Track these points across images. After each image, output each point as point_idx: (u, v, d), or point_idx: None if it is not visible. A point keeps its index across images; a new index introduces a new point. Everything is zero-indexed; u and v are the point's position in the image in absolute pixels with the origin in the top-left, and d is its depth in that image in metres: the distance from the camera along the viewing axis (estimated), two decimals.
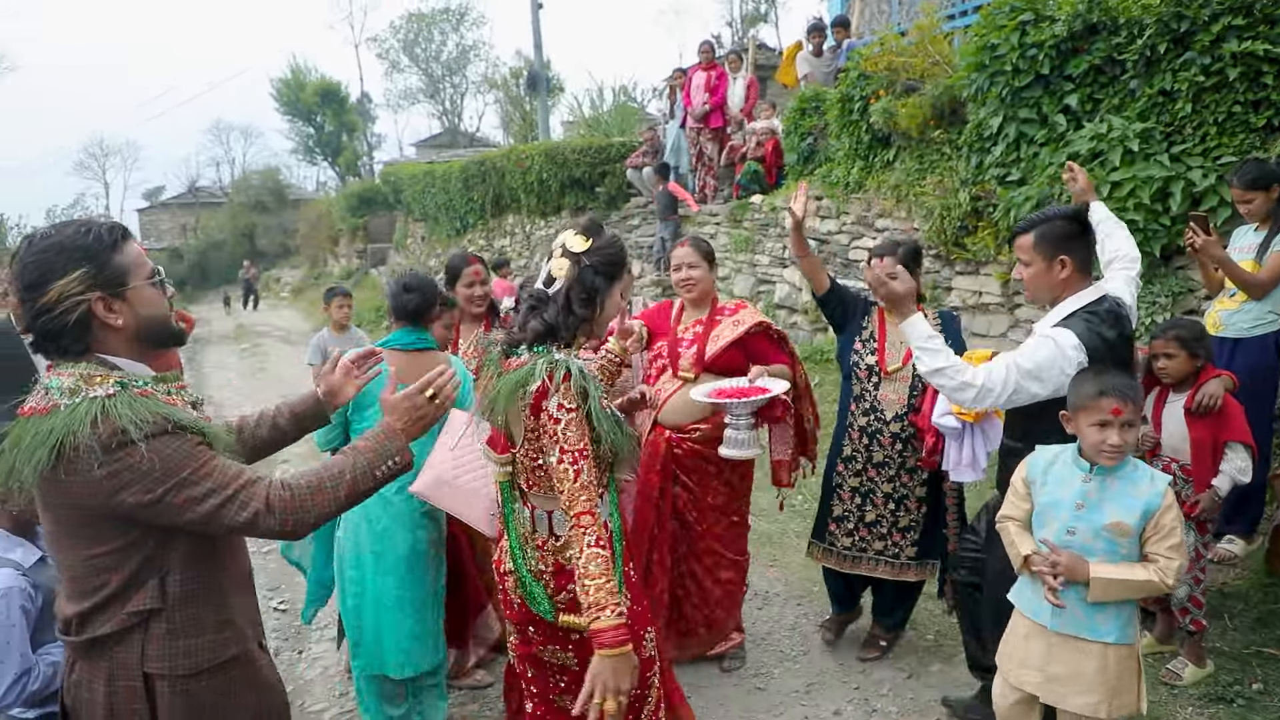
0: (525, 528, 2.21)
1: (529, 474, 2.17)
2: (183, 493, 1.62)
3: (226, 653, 1.79)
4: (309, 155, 36.18)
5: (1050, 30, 5.21)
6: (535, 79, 18.87)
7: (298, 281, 27.91)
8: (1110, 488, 2.34)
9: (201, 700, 1.74)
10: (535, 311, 2.15)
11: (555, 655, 2.25)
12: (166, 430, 1.63)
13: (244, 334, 18.94)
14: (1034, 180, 5.30)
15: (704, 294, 3.61)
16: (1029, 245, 2.68)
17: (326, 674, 4.05)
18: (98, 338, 1.70)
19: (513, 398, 2.06)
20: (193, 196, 44.47)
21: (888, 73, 6.96)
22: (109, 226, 1.74)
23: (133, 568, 1.68)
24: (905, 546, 3.65)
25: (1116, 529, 2.30)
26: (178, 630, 1.72)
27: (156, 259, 7.54)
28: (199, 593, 1.75)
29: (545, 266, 2.20)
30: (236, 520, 1.66)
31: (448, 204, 17.38)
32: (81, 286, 1.64)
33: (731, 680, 3.74)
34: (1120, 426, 2.28)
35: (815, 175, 8.54)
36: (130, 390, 1.65)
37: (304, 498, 1.71)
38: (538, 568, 2.20)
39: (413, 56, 37.57)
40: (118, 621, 1.68)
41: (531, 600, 2.20)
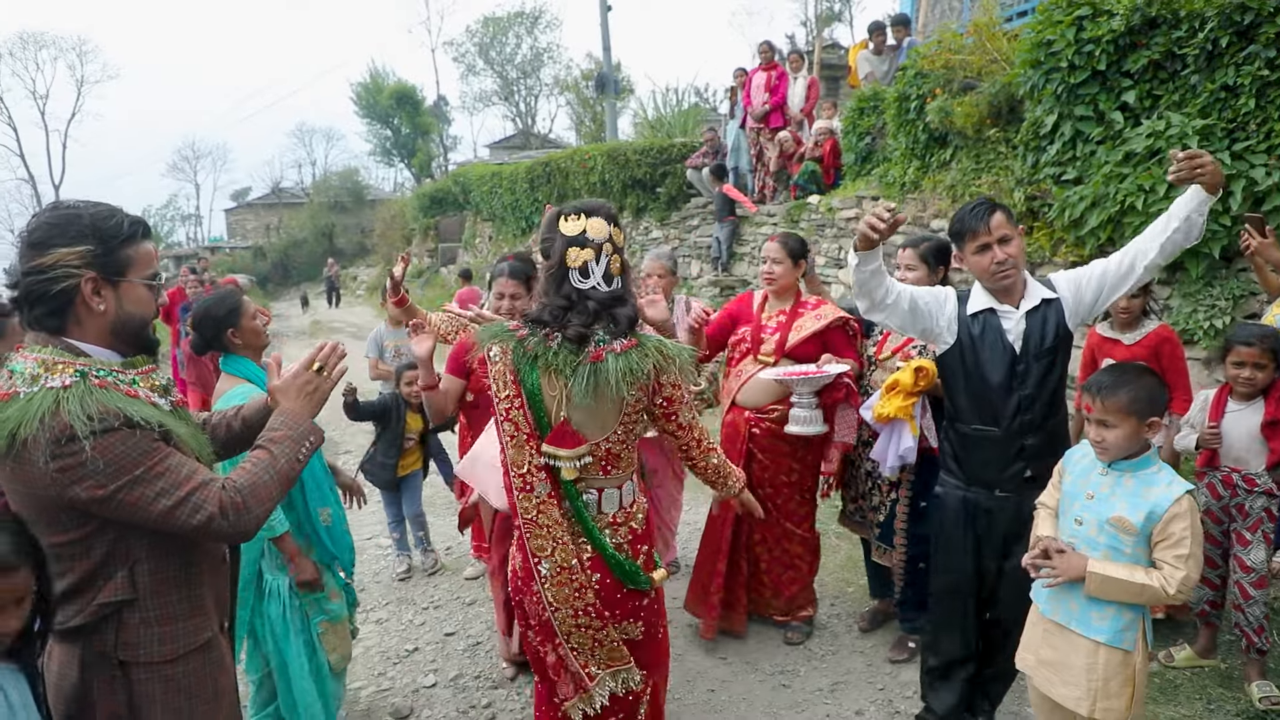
0: (593, 511, 2.31)
1: (609, 460, 2.29)
2: (135, 491, 1.61)
3: (200, 637, 1.82)
4: (386, 157, 37.09)
5: (1108, 25, 5.06)
6: (603, 81, 18.99)
7: (373, 279, 28.64)
8: (1124, 484, 2.32)
9: (178, 684, 1.77)
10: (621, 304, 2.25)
11: (626, 630, 2.36)
12: (120, 426, 1.61)
13: (319, 330, 19.58)
14: (1090, 179, 5.16)
15: (784, 288, 3.88)
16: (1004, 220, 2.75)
17: (368, 655, 4.18)
18: (75, 318, 1.70)
19: (632, 378, 2.17)
20: (276, 197, 46.01)
21: (945, 71, 6.84)
22: (132, 220, 1.76)
23: (97, 558, 1.68)
24: (872, 526, 3.89)
25: (1120, 524, 2.28)
26: (151, 619, 1.74)
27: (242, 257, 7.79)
28: (171, 581, 1.77)
29: (597, 266, 2.23)
30: (190, 523, 1.65)
31: (514, 204, 17.65)
32: (79, 261, 1.65)
33: (757, 677, 3.75)
34: (1095, 424, 2.34)
35: (872, 175, 8.45)
36: (88, 381, 1.64)
37: (249, 498, 1.72)
38: (617, 541, 2.32)
39: (488, 59, 38.20)
40: (90, 613, 1.69)
41: (626, 576, 2.30)
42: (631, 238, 13.72)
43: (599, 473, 2.28)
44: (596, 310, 2.21)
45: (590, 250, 2.22)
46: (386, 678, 3.96)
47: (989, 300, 2.83)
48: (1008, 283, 2.78)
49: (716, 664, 3.86)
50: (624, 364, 2.15)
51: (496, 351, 2.27)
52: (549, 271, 2.28)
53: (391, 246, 28.52)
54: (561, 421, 2.22)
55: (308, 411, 1.91)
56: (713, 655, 3.93)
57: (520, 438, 2.25)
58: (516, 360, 2.23)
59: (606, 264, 2.23)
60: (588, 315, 2.20)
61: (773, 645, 4.00)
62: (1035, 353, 2.75)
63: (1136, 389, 2.28)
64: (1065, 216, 5.28)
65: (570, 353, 2.18)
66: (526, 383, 2.23)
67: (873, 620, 4.11)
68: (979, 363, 2.82)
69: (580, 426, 2.23)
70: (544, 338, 2.21)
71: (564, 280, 2.23)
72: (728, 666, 3.84)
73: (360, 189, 38.54)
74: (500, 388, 2.27)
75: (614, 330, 2.20)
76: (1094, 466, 2.41)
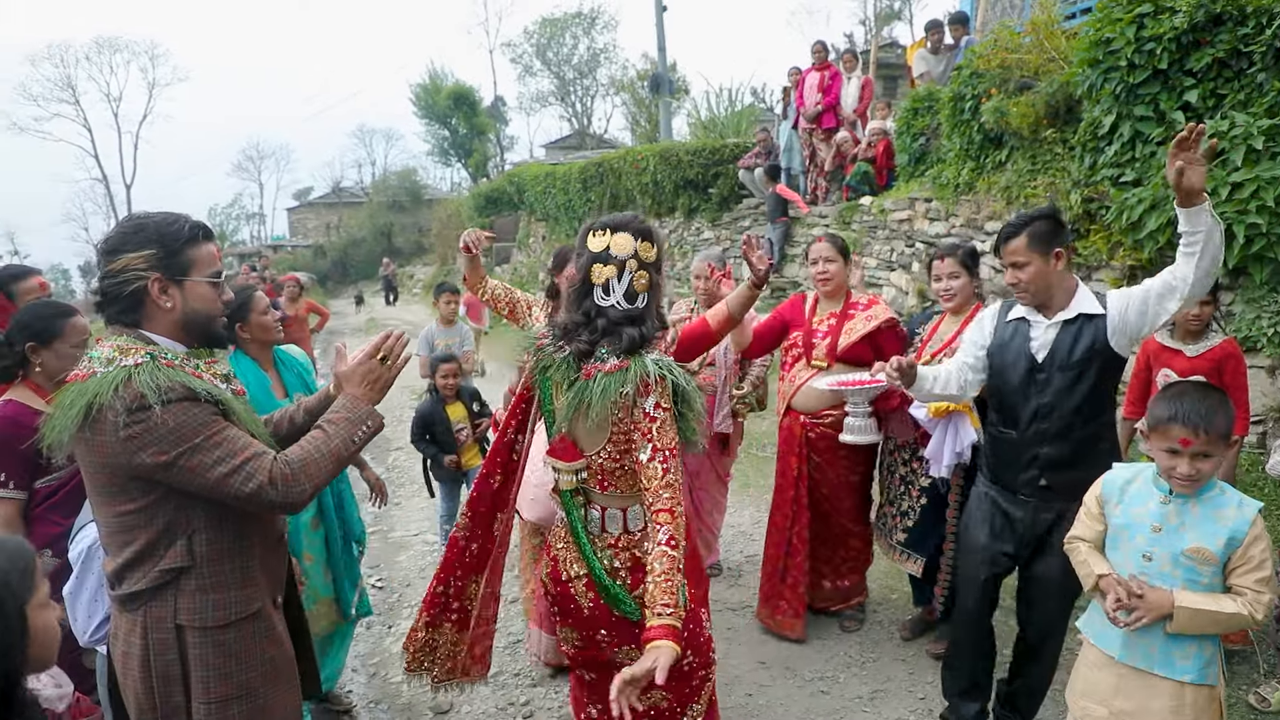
0: (594, 529, 2.27)
1: (605, 476, 2.23)
2: (194, 457, 1.76)
3: (251, 607, 1.95)
4: (443, 157, 37.56)
5: (1170, 22, 4.91)
6: (658, 81, 19.02)
7: (429, 278, 29.06)
8: (1192, 512, 2.17)
9: (228, 649, 1.90)
10: (631, 324, 2.18)
11: (629, 655, 2.25)
12: (184, 398, 1.77)
13: (374, 327, 19.89)
14: (1149, 181, 5.01)
15: (838, 288, 3.90)
16: (1023, 247, 2.77)
17: None
18: (148, 314, 1.89)
19: (607, 399, 2.10)
20: (336, 196, 46.96)
21: (1001, 70, 6.71)
22: (193, 224, 1.95)
23: (159, 526, 1.84)
24: (897, 530, 3.87)
25: (1198, 555, 2.12)
26: (207, 586, 1.88)
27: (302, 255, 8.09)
28: (225, 551, 1.91)
29: (618, 283, 2.18)
30: (242, 490, 1.79)
31: (567, 204, 17.76)
32: (145, 264, 1.85)
33: (796, 683, 3.74)
34: (1191, 457, 2.11)
35: (925, 177, 8.33)
36: (158, 361, 1.81)
37: (299, 472, 1.83)
38: (612, 566, 2.26)
39: (545, 60, 38.52)
40: (152, 578, 1.84)
41: (613, 600, 2.23)
42: (683, 238, 13.71)
43: (596, 487, 2.26)
44: (606, 327, 2.19)
45: (613, 267, 2.19)
46: None
47: (1024, 309, 2.90)
48: (1025, 302, 2.87)
49: (755, 669, 3.85)
50: (604, 384, 2.11)
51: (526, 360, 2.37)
52: (573, 286, 2.27)
53: (447, 246, 28.87)
54: (562, 434, 2.24)
55: (369, 398, 2.01)
56: (751, 659, 3.92)
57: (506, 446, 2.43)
58: (534, 369, 2.30)
59: (629, 281, 2.19)
60: (597, 332, 2.19)
61: (813, 651, 3.98)
62: (1060, 364, 2.77)
63: (1225, 414, 2.10)
64: (1123, 219, 5.13)
65: (571, 367, 2.19)
66: (540, 392, 2.30)
67: (914, 629, 4.06)
68: (1003, 366, 2.93)
69: (579, 439, 2.23)
70: (557, 349, 2.25)
71: (586, 296, 2.22)
72: (766, 671, 3.83)
73: (418, 189, 39.08)
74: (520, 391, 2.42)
75: (615, 348, 2.17)
76: (1151, 495, 2.23)
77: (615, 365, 2.13)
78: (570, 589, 2.29)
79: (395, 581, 5.18)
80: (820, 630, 4.12)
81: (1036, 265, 2.77)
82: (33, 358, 2.68)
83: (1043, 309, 2.84)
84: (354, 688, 3.92)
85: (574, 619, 2.33)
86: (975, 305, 3.63)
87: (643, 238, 2.22)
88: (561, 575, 2.31)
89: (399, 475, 7.64)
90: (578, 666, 2.48)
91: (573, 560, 2.29)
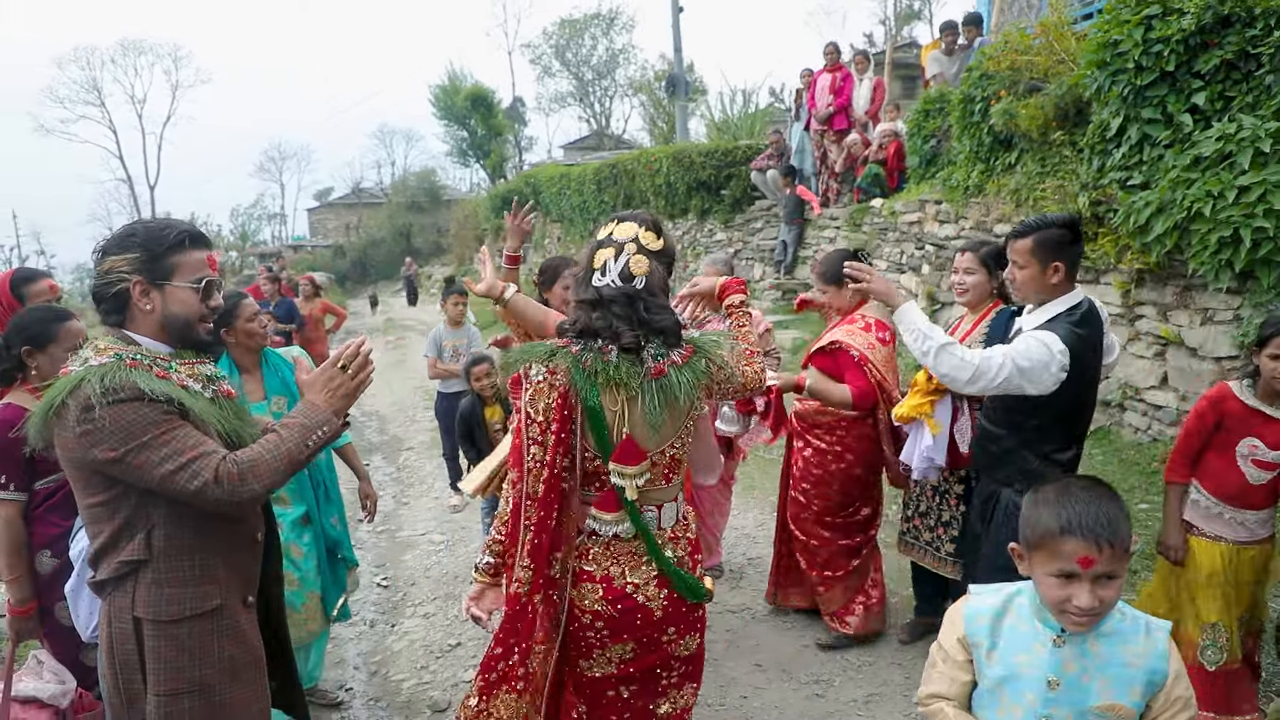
0: (654, 528, 2.22)
1: (671, 468, 2.22)
2: (142, 454, 1.80)
3: (208, 604, 1.97)
4: (462, 158, 37.72)
5: (1178, 24, 4.87)
6: (674, 82, 19.03)
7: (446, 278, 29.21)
8: (1093, 653, 1.66)
9: (181, 643, 1.93)
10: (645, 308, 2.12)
11: (685, 646, 2.29)
12: (134, 397, 1.81)
13: (391, 327, 20.07)
14: (1157, 184, 4.98)
15: (838, 310, 4.00)
16: (1026, 249, 2.82)
17: (411, 648, 4.31)
18: (131, 315, 1.97)
19: (698, 389, 2.14)
20: (356, 197, 47.29)
21: (1011, 72, 6.68)
22: (181, 230, 2.01)
23: (121, 520, 1.89)
24: (944, 541, 3.82)
25: (1114, 712, 1.64)
26: (163, 580, 1.92)
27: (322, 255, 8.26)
28: (184, 548, 1.94)
29: (615, 263, 2.16)
30: (187, 488, 1.81)
31: (581, 205, 17.81)
32: (129, 268, 1.92)
33: (791, 685, 3.74)
34: (1093, 581, 1.58)
35: (936, 179, 8.30)
36: (122, 361, 1.86)
37: (247, 472, 1.85)
38: (679, 555, 2.25)
39: (564, 61, 38.67)
40: (114, 569, 1.90)
41: (688, 589, 2.22)
42: (696, 239, 13.72)
43: (662, 482, 2.20)
44: (624, 314, 2.11)
45: (612, 249, 2.17)
46: (428, 671, 4.06)
47: None
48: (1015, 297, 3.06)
49: (751, 671, 3.86)
50: (689, 375, 2.12)
51: (539, 371, 2.11)
52: (577, 276, 2.25)
53: (465, 246, 29.05)
54: (625, 438, 2.11)
55: (330, 405, 2.01)
56: (748, 661, 3.93)
57: (540, 465, 2.09)
58: (576, 379, 2.08)
59: (625, 262, 2.14)
60: (615, 318, 2.11)
61: (810, 654, 3.99)
62: None
63: (1127, 520, 1.61)
64: (1131, 223, 5.09)
65: (630, 365, 2.09)
66: (588, 402, 2.09)
67: (913, 632, 4.05)
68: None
69: (642, 440, 2.13)
70: (599, 352, 2.10)
71: (589, 281, 2.19)
72: (763, 674, 3.84)
73: (437, 189, 39.32)
74: (537, 411, 2.09)
75: (666, 342, 2.14)
76: (1036, 635, 1.70)
77: (685, 355, 2.15)
78: (635, 599, 2.18)
79: (400, 580, 5.23)
80: (816, 633, 4.12)
81: (1032, 270, 2.82)
82: (29, 361, 2.75)
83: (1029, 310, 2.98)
84: (354, 685, 3.97)
85: (634, 631, 2.20)
86: (994, 303, 3.65)
87: (649, 228, 2.21)
88: (624, 590, 2.18)
89: (409, 475, 7.71)
90: (616, 685, 2.28)
91: (629, 569, 2.19)
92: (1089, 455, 5.69)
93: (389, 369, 13.82)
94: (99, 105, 47.23)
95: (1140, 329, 5.58)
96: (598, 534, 2.20)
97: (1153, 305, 5.45)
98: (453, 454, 6.20)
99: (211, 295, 2.04)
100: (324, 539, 3.43)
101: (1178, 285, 5.24)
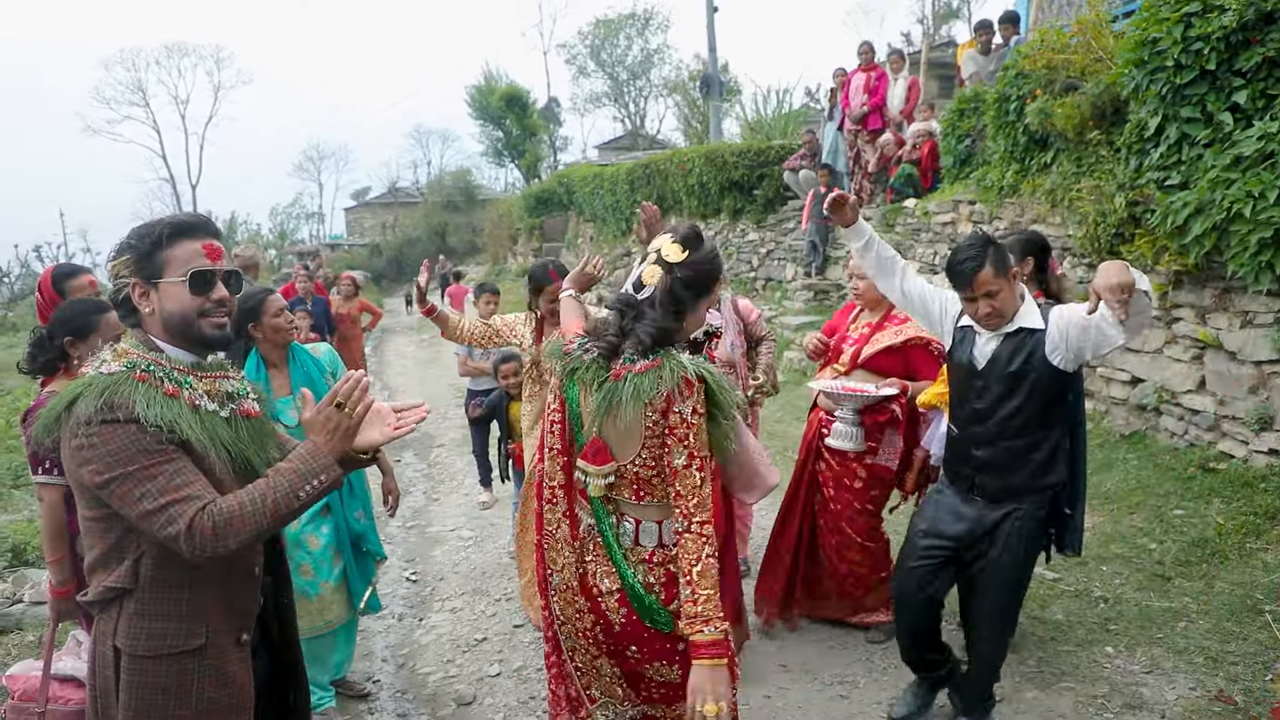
0: (628, 542, 2.16)
1: (639, 484, 2.12)
2: (124, 485, 1.68)
3: (191, 643, 1.81)
4: (497, 157, 37.95)
5: (1218, 22, 4.78)
6: (708, 82, 19.02)
7: (481, 277, 29.39)
8: None
9: (159, 682, 1.78)
10: (634, 317, 2.11)
11: (659, 672, 2.20)
12: (130, 420, 1.70)
13: (425, 326, 20.21)
14: (1196, 184, 4.89)
15: (871, 301, 3.94)
16: (990, 277, 2.80)
17: (439, 642, 4.35)
18: (141, 319, 1.87)
19: (639, 401, 2.01)
20: (392, 196, 47.78)
21: (1047, 71, 6.59)
22: (166, 223, 1.86)
23: (112, 540, 1.78)
24: None
25: None
26: (145, 613, 1.78)
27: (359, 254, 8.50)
28: (171, 580, 1.80)
29: (638, 270, 2.16)
30: (160, 533, 1.69)
31: (614, 205, 17.85)
32: (127, 271, 1.84)
33: (815, 686, 3.73)
34: None
35: (970, 179, 8.21)
36: (131, 373, 1.76)
37: (223, 527, 1.70)
38: (647, 580, 2.15)
39: (599, 61, 38.75)
40: (99, 592, 1.79)
41: (647, 615, 2.14)
42: (728, 239, 13.69)
43: (631, 497, 2.14)
44: (618, 320, 2.14)
45: (643, 258, 2.19)
46: (455, 665, 4.11)
47: (970, 319, 3.01)
48: (994, 328, 2.92)
49: (775, 671, 3.85)
50: (635, 385, 2.01)
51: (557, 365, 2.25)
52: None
53: (499, 245, 29.21)
54: (594, 437, 2.13)
55: (330, 447, 1.84)
56: (772, 661, 3.92)
57: (553, 452, 2.23)
58: (562, 372, 2.20)
59: (640, 272, 2.14)
60: (616, 327, 2.14)
61: (834, 654, 3.97)
62: (998, 374, 2.91)
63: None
64: (1168, 223, 5.01)
65: (601, 368, 2.11)
66: (568, 395, 2.19)
67: None
68: (952, 368, 3.15)
69: (611, 444, 2.12)
70: (584, 350, 2.16)
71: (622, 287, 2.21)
72: (786, 674, 3.83)
73: (472, 189, 39.56)
74: (551, 400, 2.26)
75: (639, 348, 2.08)
76: None
77: (645, 365, 2.03)
78: (600, 604, 2.18)
79: (429, 575, 5.29)
80: (841, 635, 4.11)
81: (1005, 290, 2.85)
82: (71, 351, 2.84)
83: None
84: (382, 677, 4.03)
85: (602, 631, 2.23)
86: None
87: (676, 239, 2.15)
88: (591, 589, 2.20)
89: (439, 471, 7.79)
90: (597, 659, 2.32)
91: (604, 574, 2.17)
92: (1124, 460, 5.62)
93: (421, 366, 13.97)
94: (144, 106, 48.22)
95: (1177, 332, 5.48)
96: (592, 529, 2.22)
97: (1190, 308, 5.35)
98: (482, 451, 6.27)
99: (205, 287, 1.86)
100: (348, 532, 3.47)
101: (1216, 287, 5.14)
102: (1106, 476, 5.51)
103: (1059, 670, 3.69)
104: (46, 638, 2.78)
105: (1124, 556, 4.65)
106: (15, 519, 6.13)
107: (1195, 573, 4.36)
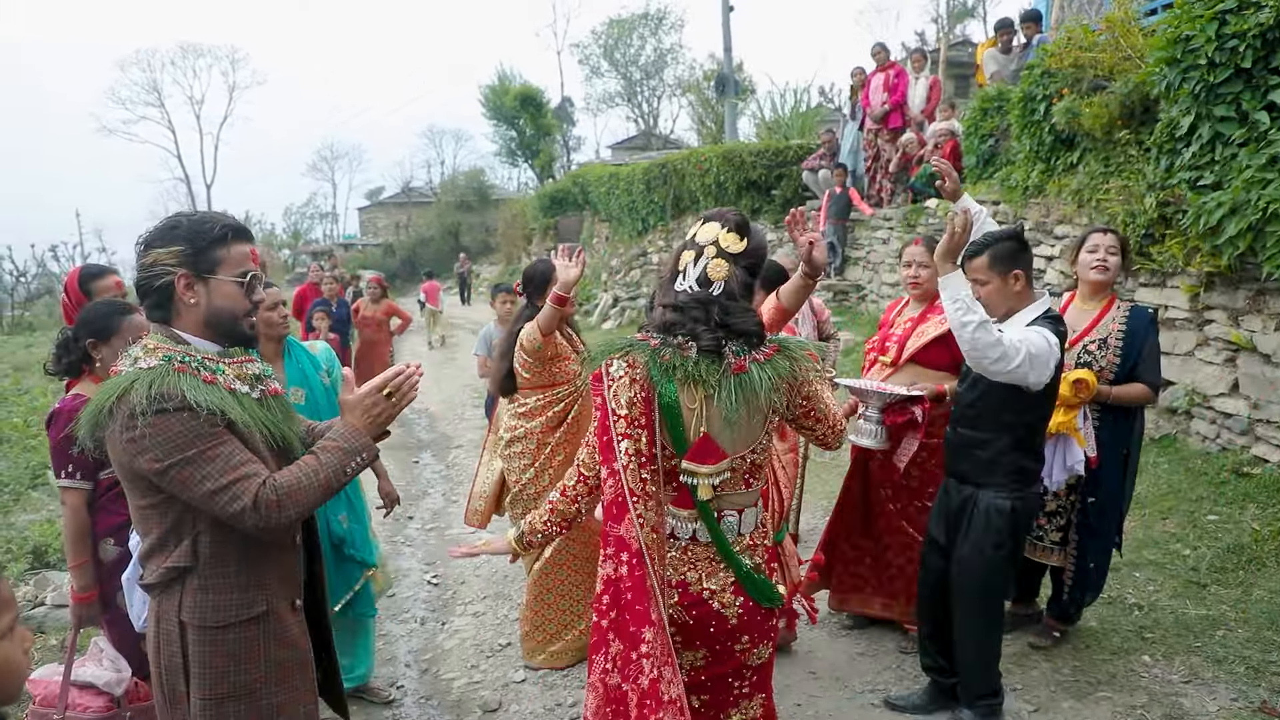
0: (731, 535, 2.16)
1: (751, 472, 2.15)
2: (186, 470, 1.78)
3: (253, 610, 1.95)
4: (510, 157, 37.94)
5: (1255, 19, 4.69)
6: (723, 82, 18.92)
7: (494, 277, 29.41)
8: None
9: (227, 649, 1.91)
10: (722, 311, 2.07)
11: (759, 655, 2.23)
12: (181, 408, 1.78)
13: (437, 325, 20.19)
14: (1229, 184, 4.81)
15: (928, 294, 3.83)
16: (984, 266, 2.99)
17: (462, 646, 4.31)
18: (176, 311, 1.93)
19: (774, 385, 2.04)
20: (406, 196, 47.83)
21: (1074, 69, 6.50)
22: (225, 224, 1.96)
23: (169, 524, 1.88)
24: (1050, 530, 3.81)
25: None
26: (208, 586, 1.90)
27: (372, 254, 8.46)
28: (229, 554, 1.92)
29: (694, 267, 2.11)
30: (225, 511, 1.79)
31: (630, 205, 17.80)
32: (173, 261, 1.88)
33: (846, 694, 3.68)
34: None
35: (994, 179, 8.12)
36: (171, 364, 1.83)
37: (285, 498, 1.82)
38: (756, 562, 2.20)
39: (612, 61, 38.66)
40: (161, 573, 1.89)
41: (763, 597, 2.17)
42: None
43: (741, 487, 2.14)
44: (702, 318, 2.06)
45: (692, 252, 2.12)
46: (479, 670, 4.07)
47: None
48: None
49: (806, 679, 3.79)
50: (770, 371, 2.04)
51: (620, 365, 2.08)
52: (662, 277, 2.22)
53: (513, 246, 29.23)
54: (703, 436, 2.07)
55: (367, 429, 1.98)
56: (803, 668, 3.87)
57: (639, 459, 2.04)
58: (653, 373, 2.06)
59: (704, 266, 2.09)
60: (694, 322, 2.07)
61: (864, 661, 3.91)
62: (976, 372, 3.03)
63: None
64: (1201, 224, 4.93)
65: (710, 363, 2.05)
66: (664, 397, 2.06)
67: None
68: None
69: (723, 440, 2.08)
70: (678, 349, 2.07)
71: (672, 283, 2.15)
72: (816, 682, 3.77)
73: (485, 189, 39.59)
74: (620, 404, 2.05)
75: (749, 343, 2.08)
76: None
77: (769, 352, 2.08)
78: (710, 605, 2.15)
79: (450, 579, 5.25)
80: (871, 642, 4.05)
81: (995, 284, 3.01)
82: (94, 353, 2.84)
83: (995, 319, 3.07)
84: (405, 683, 3.99)
85: (707, 638, 2.17)
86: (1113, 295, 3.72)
87: (730, 228, 2.13)
88: (699, 595, 2.15)
89: (458, 473, 7.76)
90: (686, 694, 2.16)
91: (705, 575, 2.15)
92: (1154, 464, 5.53)
93: (439, 366, 13.96)
94: (159, 106, 48.49)
95: (1209, 334, 5.39)
96: (676, 537, 2.17)
97: (1223, 310, 5.27)
98: None
99: (255, 290, 2.01)
100: (328, 535, 3.40)
101: (1250, 289, 5.05)
102: (1137, 481, 5.40)
103: (1095, 679, 3.62)
104: (68, 643, 2.78)
105: (1157, 563, 4.57)
106: (35, 518, 6.13)
107: (1232, 580, 4.28)
